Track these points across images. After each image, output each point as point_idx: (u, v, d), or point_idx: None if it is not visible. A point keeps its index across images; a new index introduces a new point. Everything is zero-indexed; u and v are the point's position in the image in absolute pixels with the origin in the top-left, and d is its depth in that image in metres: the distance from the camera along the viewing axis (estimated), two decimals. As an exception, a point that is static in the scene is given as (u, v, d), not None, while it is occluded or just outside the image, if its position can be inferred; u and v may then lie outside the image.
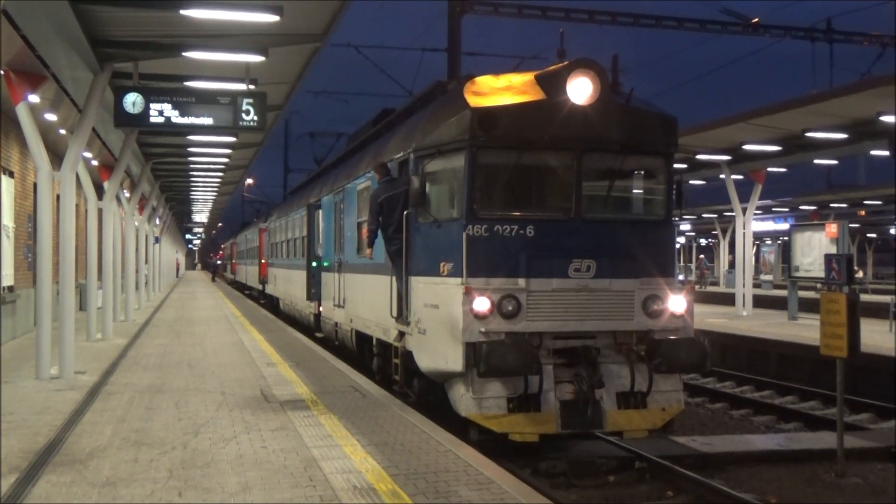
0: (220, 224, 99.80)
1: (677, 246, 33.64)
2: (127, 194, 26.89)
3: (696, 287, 49.72)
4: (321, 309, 18.87)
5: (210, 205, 51.18)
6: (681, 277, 51.08)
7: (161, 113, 13.01)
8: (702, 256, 65.83)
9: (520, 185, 10.49)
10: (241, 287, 52.06)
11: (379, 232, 11.44)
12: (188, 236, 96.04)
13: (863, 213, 49.71)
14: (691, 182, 33.01)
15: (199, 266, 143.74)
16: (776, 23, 29.46)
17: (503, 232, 9.77)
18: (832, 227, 23.61)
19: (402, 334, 11.25)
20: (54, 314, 13.55)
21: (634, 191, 11.18)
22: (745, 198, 27.48)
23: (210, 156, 25.94)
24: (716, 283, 52.98)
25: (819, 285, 28.66)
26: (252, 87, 13.96)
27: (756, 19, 28.41)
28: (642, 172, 10.93)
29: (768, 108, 19.94)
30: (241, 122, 13.30)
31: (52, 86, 13.77)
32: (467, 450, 8.38)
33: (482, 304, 9.49)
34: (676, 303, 10.16)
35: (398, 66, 26.21)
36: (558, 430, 9.57)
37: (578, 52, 10.59)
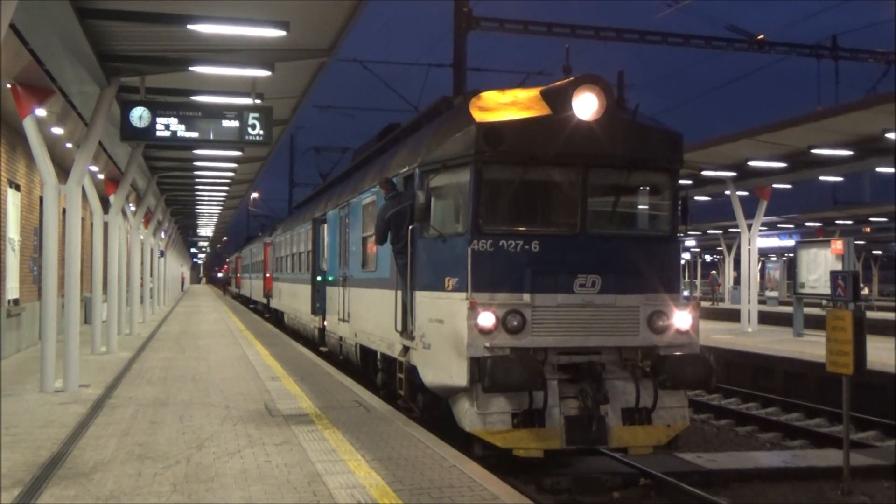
0: (225, 238, 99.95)
1: (682, 262, 33.61)
2: (132, 208, 26.97)
3: (712, 303, 49.70)
4: (326, 323, 18.86)
5: (215, 219, 51.29)
6: (685, 293, 51.05)
7: (167, 127, 13.08)
8: (713, 272, 65.83)
9: (525, 200, 10.47)
10: (245, 301, 52.09)
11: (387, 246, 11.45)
12: (193, 250, 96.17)
13: (868, 229, 49.67)
14: (697, 198, 33.02)
15: (203, 280, 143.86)
16: (781, 40, 29.53)
17: (508, 247, 9.76)
18: (838, 244, 23.55)
19: (406, 349, 11.23)
20: (59, 327, 13.57)
21: (640, 207, 11.17)
22: (750, 214, 27.46)
23: (216, 170, 26.00)
24: (721, 300, 52.80)
25: (825, 302, 28.71)
26: (258, 101, 14.04)
27: (761, 36, 28.47)
28: (648, 188, 10.92)
29: (774, 125, 19.93)
30: (247, 137, 13.35)
31: (58, 100, 13.84)
32: (471, 465, 8.36)
33: (487, 319, 9.46)
34: (682, 319, 10.12)
35: (404, 82, 26.33)
36: (563, 446, 9.51)
37: (584, 67, 10.62)
